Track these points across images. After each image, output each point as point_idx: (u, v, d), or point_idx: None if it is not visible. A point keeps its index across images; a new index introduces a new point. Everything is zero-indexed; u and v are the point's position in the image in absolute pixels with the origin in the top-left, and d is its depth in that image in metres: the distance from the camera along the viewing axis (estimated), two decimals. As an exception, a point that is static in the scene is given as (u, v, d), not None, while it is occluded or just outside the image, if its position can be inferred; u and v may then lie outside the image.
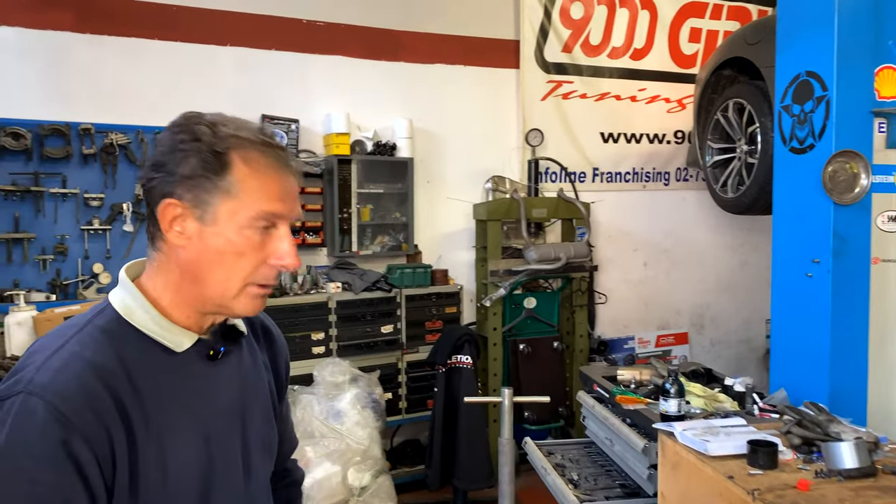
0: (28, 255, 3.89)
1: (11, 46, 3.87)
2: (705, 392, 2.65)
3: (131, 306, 1.08)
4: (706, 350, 5.86)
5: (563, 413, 4.68)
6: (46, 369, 0.98)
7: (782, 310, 2.83)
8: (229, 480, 1.13)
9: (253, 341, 1.27)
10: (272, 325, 1.35)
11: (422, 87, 4.90)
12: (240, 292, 1.07)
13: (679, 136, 5.67)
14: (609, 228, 5.52)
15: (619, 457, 2.71)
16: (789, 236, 2.79)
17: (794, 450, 2.05)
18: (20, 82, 3.89)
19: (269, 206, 1.05)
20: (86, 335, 1.04)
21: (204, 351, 1.13)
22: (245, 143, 1.06)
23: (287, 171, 1.09)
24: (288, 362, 1.37)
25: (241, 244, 1.05)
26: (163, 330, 1.08)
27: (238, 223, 1.04)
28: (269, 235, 1.07)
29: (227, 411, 1.15)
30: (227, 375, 1.16)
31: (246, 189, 1.04)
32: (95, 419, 0.96)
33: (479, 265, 4.89)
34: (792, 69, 2.75)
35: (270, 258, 1.07)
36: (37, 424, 0.93)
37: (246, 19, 4.41)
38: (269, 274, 1.08)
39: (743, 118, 3.96)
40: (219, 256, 1.06)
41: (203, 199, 1.04)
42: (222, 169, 1.04)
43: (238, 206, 1.04)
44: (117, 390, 1.00)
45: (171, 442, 1.05)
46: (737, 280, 5.91)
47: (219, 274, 1.06)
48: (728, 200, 4.20)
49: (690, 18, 5.61)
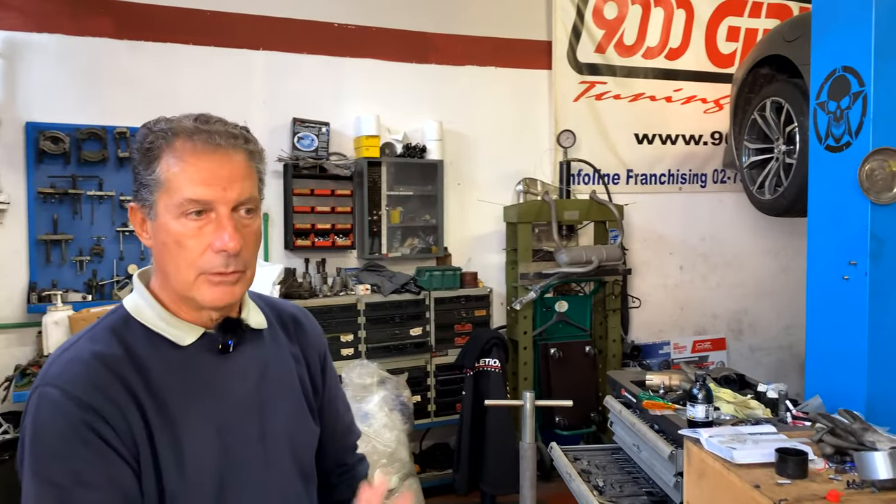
0: (66, 256, 3.98)
1: (52, 53, 3.98)
2: (736, 398, 2.57)
3: (140, 305, 1.12)
4: (745, 356, 5.71)
5: (595, 418, 4.60)
6: (59, 362, 1.04)
7: (818, 314, 2.73)
8: (247, 472, 1.13)
9: (280, 333, 1.27)
10: (304, 317, 1.35)
11: (452, 89, 4.89)
12: (195, 281, 1.08)
13: (716, 138, 5.54)
14: (644, 231, 5.43)
15: (645, 463, 2.64)
16: (825, 238, 2.69)
17: (825, 459, 1.96)
18: (60, 88, 3.99)
19: (190, 192, 1.05)
20: (96, 332, 1.10)
21: (212, 345, 1.14)
22: (172, 133, 1.06)
23: (219, 153, 1.07)
24: (323, 353, 1.35)
25: (178, 233, 1.06)
26: (167, 325, 1.11)
27: (171, 213, 1.06)
28: (209, 220, 1.06)
29: (241, 404, 1.15)
30: (240, 368, 1.17)
31: (172, 178, 1.05)
32: (107, 400, 1.01)
33: (509, 268, 4.84)
34: (828, 64, 2.65)
35: (212, 244, 1.06)
36: (57, 410, 0.99)
37: (278, 24, 4.46)
38: (214, 260, 1.06)
39: (781, 117, 3.85)
40: (166, 248, 1.07)
41: (145, 197, 1.08)
42: (150, 163, 1.06)
43: (168, 197, 1.06)
44: (126, 377, 1.04)
45: (183, 432, 1.07)
46: (777, 285, 5.75)
47: (171, 266, 1.08)
48: (765, 202, 4.08)
49: (728, 17, 5.49)
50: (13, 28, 3.89)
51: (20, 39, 3.91)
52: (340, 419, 1.40)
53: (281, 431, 1.19)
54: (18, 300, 3.91)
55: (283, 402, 1.22)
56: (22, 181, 3.90)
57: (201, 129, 1.07)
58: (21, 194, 3.90)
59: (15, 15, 3.89)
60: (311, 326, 1.35)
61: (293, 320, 1.32)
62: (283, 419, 1.20)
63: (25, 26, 3.92)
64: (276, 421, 1.19)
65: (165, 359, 1.09)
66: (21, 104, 3.91)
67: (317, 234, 4.37)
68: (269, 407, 1.19)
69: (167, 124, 1.08)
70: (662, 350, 5.48)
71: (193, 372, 1.11)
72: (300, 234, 4.34)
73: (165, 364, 1.09)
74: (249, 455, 1.14)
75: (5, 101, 3.88)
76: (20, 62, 3.91)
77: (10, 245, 3.90)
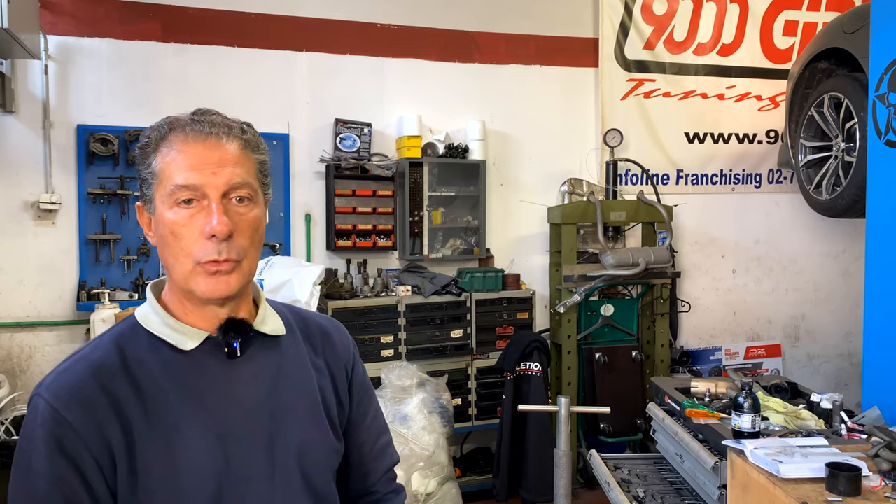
0: (114, 256, 4.07)
1: (102, 57, 4.08)
2: (786, 408, 2.43)
3: (148, 312, 1.12)
4: (802, 364, 5.47)
5: (641, 426, 4.46)
6: (56, 372, 1.06)
7: (877, 319, 2.56)
8: (249, 484, 1.08)
9: (303, 343, 1.23)
10: (335, 330, 1.30)
11: (496, 89, 4.82)
12: (192, 272, 1.06)
13: (772, 136, 5.33)
14: (694, 233, 5.25)
15: (688, 474, 2.52)
16: (884, 238, 2.52)
17: (882, 476, 1.82)
18: (109, 90, 4.09)
19: (180, 178, 1.04)
20: (101, 340, 1.11)
21: (218, 349, 1.11)
22: (168, 128, 1.07)
23: (210, 141, 1.06)
24: (353, 367, 1.29)
25: (172, 222, 1.05)
26: (171, 330, 1.10)
27: (166, 204, 1.05)
28: (199, 208, 1.05)
29: (247, 411, 1.11)
30: (250, 374, 1.13)
31: (165, 168, 1.05)
32: (89, 417, 1.00)
33: (553, 270, 4.74)
34: (888, 54, 2.49)
35: (202, 231, 1.04)
36: (39, 422, 1.01)
37: (321, 25, 4.48)
38: (206, 248, 1.05)
39: (840, 113, 3.66)
40: (165, 241, 1.07)
41: (145, 192, 1.09)
42: (147, 157, 1.07)
43: (162, 188, 1.05)
44: (114, 390, 1.03)
45: (178, 439, 1.04)
46: (838, 290, 5.49)
47: (170, 258, 1.07)
48: (823, 203, 3.89)
49: (785, 10, 5.28)
50: (66, 33, 4.00)
51: (72, 44, 4.02)
52: (371, 440, 1.32)
53: (291, 444, 1.14)
54: (69, 298, 4.02)
55: (297, 413, 1.16)
56: (73, 182, 4.01)
57: (196, 120, 1.08)
58: (72, 195, 4.01)
59: (67, 20, 4.01)
60: (340, 339, 1.30)
61: (321, 332, 1.28)
62: (295, 430, 1.14)
63: (77, 31, 4.03)
64: (288, 432, 1.13)
65: (166, 364, 1.08)
66: (73, 107, 4.02)
67: (358, 235, 4.36)
68: (280, 416, 1.13)
69: (165, 120, 1.09)
70: (714, 356, 5.29)
71: (195, 377, 1.09)
72: (342, 235, 4.34)
73: (166, 370, 1.07)
74: (253, 466, 1.09)
75: (58, 104, 3.99)
76: (72, 66, 4.02)
77: (62, 245, 4.01)
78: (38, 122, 3.94)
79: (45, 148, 3.96)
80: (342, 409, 1.25)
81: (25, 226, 3.95)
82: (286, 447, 1.13)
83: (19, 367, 3.95)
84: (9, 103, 3.85)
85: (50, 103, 3.96)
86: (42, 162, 3.96)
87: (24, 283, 3.96)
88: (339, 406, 1.24)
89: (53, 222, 3.99)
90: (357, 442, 1.29)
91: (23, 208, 3.94)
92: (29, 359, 3.97)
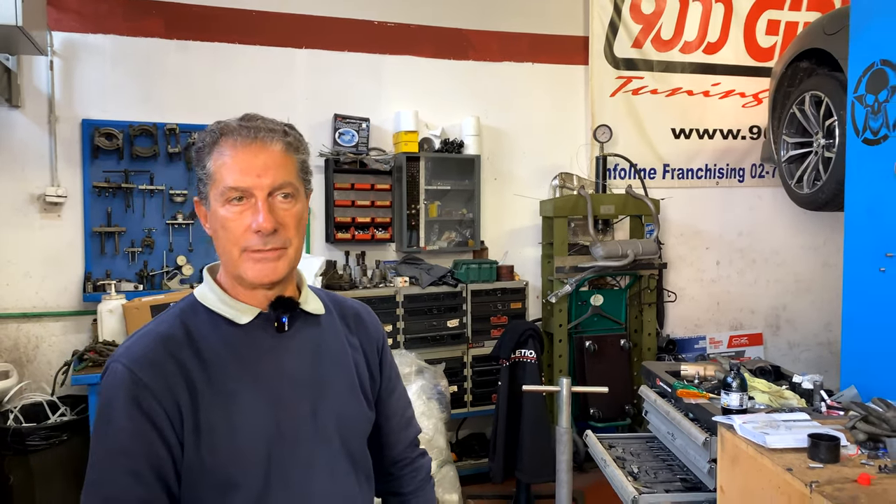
0: (119, 248, 4.16)
1: (107, 53, 4.15)
2: (770, 388, 2.60)
3: (205, 290, 1.27)
4: (783, 352, 5.68)
5: (629, 411, 4.65)
6: (129, 342, 1.20)
7: (854, 306, 2.74)
8: (296, 445, 1.22)
9: (339, 322, 1.37)
10: (366, 313, 1.46)
11: (489, 85, 4.96)
12: (240, 258, 1.21)
13: (755, 132, 5.52)
14: (680, 226, 5.43)
15: (680, 451, 2.69)
16: (862, 230, 2.70)
17: (858, 445, 1.99)
18: (113, 86, 4.17)
19: (231, 180, 1.18)
20: (166, 315, 1.25)
21: (268, 324, 1.25)
22: (219, 132, 1.21)
23: (256, 145, 1.20)
24: (382, 347, 1.45)
25: (224, 218, 1.20)
26: (227, 306, 1.24)
27: (219, 201, 1.20)
28: (247, 206, 1.19)
29: (294, 380, 1.24)
30: (296, 346, 1.27)
31: (218, 170, 1.20)
32: (161, 378, 1.14)
33: (545, 262, 4.90)
34: (866, 57, 2.66)
35: (251, 225, 1.19)
36: (118, 383, 1.14)
37: (320, 22, 4.58)
38: (252, 239, 1.19)
39: (820, 111, 3.84)
40: (216, 233, 1.22)
41: (202, 190, 1.24)
42: (202, 160, 1.22)
43: (216, 187, 1.20)
44: (181, 357, 1.17)
45: (236, 403, 1.18)
46: (818, 281, 5.70)
47: (221, 247, 1.22)
48: (804, 196, 4.07)
49: (768, 10, 5.46)
50: (70, 30, 4.08)
51: (76, 40, 4.09)
52: (399, 412, 1.48)
53: (332, 409, 1.28)
54: (75, 289, 4.11)
55: (336, 383, 1.30)
56: (78, 176, 4.09)
57: (243, 125, 1.21)
58: (77, 188, 4.09)
59: (72, 17, 4.08)
60: (371, 321, 1.45)
61: (355, 314, 1.43)
62: (334, 399, 1.29)
63: (82, 28, 4.10)
64: (328, 400, 1.28)
65: (224, 337, 1.22)
66: (77, 102, 4.10)
67: (357, 228, 4.48)
68: (321, 386, 1.28)
69: (217, 126, 1.23)
70: (698, 345, 5.48)
71: (250, 348, 1.23)
72: (341, 228, 4.45)
73: (223, 341, 1.21)
74: (299, 429, 1.23)
75: (63, 99, 4.07)
76: (76, 62, 4.10)
77: (68, 237, 4.09)
78: (43, 116, 4.02)
79: (50, 142, 4.04)
80: (374, 383, 1.40)
81: (32, 218, 4.03)
82: (327, 414, 1.27)
83: (26, 357, 4.03)
84: (15, 98, 3.93)
85: (55, 98, 4.04)
86: (48, 156, 4.03)
87: (31, 275, 4.04)
88: (371, 380, 1.39)
89: (59, 215, 4.07)
90: (387, 413, 1.45)
91: (29, 201, 4.02)
92: (36, 349, 4.05)
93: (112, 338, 3.78)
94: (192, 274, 4.29)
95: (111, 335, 3.80)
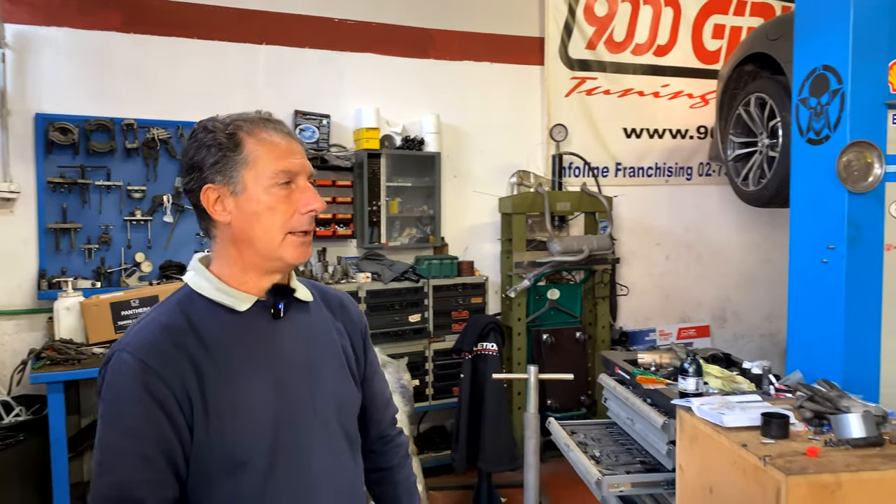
0: (75, 244, 4.09)
1: (61, 46, 4.08)
2: (723, 374, 2.75)
3: (200, 281, 1.31)
4: (728, 343, 5.93)
5: (585, 401, 4.80)
6: (133, 332, 1.24)
7: (799, 295, 2.93)
8: (299, 424, 1.29)
9: (325, 310, 1.45)
10: (348, 301, 1.54)
11: (450, 84, 5.05)
12: (283, 241, 1.27)
13: (702, 132, 5.74)
14: (631, 222, 5.62)
15: (639, 435, 2.82)
16: (806, 224, 2.88)
17: (805, 422, 2.15)
18: (69, 80, 4.10)
19: (281, 164, 1.26)
20: (165, 306, 1.29)
21: (265, 311, 1.31)
22: (247, 123, 1.28)
23: (288, 137, 1.30)
24: (365, 331, 1.54)
25: (270, 201, 1.25)
26: (225, 295, 1.29)
27: (262, 185, 1.25)
28: (293, 189, 1.27)
29: (293, 362, 1.31)
30: (291, 331, 1.34)
31: (259, 156, 1.26)
32: (169, 365, 1.19)
33: (504, 257, 5.02)
34: (809, 63, 2.84)
35: (300, 207, 1.27)
36: (126, 371, 1.18)
37: (281, 19, 4.59)
38: (302, 220, 1.27)
39: (764, 112, 4.04)
40: (257, 216, 1.26)
41: (231, 175, 1.26)
42: (236, 146, 1.26)
43: (258, 172, 1.25)
44: (186, 344, 1.22)
45: (241, 385, 1.24)
46: (760, 275, 5.97)
47: (260, 230, 1.26)
48: (749, 193, 4.28)
49: (714, 15, 5.69)
50: (22, 21, 3.99)
51: (29, 32, 4.01)
52: (381, 392, 1.58)
53: (328, 390, 1.35)
54: (28, 287, 4.02)
55: (328, 365, 1.38)
56: (31, 171, 4.01)
57: (268, 120, 1.30)
58: (31, 184, 4.00)
59: (24, 9, 3.99)
60: (354, 308, 1.54)
61: (338, 301, 1.50)
62: (328, 380, 1.37)
63: (34, 20, 4.02)
64: (324, 381, 1.35)
65: (224, 324, 1.27)
66: (31, 96, 4.01)
67: (318, 224, 4.50)
68: (316, 368, 1.35)
69: (238, 117, 1.29)
70: (649, 337, 5.68)
71: (250, 334, 1.28)
72: (302, 224, 4.45)
73: (225, 328, 1.26)
74: (301, 408, 1.30)
75: (15, 92, 3.98)
76: (30, 55, 4.01)
77: (21, 233, 4.00)
78: (-5, 110, 3.93)
79: (2, 136, 3.94)
80: (359, 365, 1.49)
81: (-18, 215, 3.93)
82: (324, 394, 1.34)
83: (-22, 356, 3.93)
84: (-35, 91, 3.83)
85: (7, 92, 3.94)
86: None
87: (-18, 273, 3.94)
88: (357, 362, 1.48)
89: (12, 211, 3.98)
90: (371, 393, 1.54)
91: (-20, 197, 3.92)
92: (-12, 348, 3.96)
93: (70, 336, 3.72)
94: (152, 271, 4.25)
95: (69, 333, 3.74)
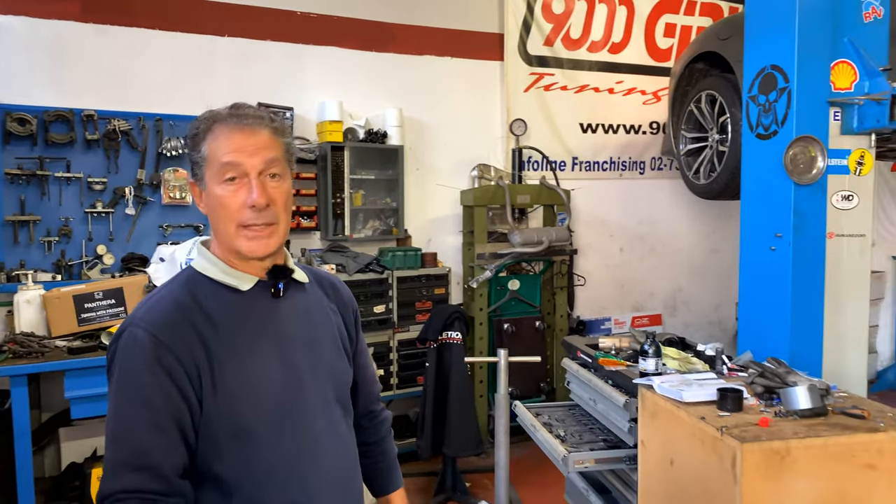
0: (34, 237, 4.03)
1: (18, 35, 4.01)
2: (679, 355, 2.91)
3: (204, 263, 1.39)
4: (679, 331, 6.12)
5: (544, 388, 4.96)
6: (144, 308, 1.31)
7: (749, 280, 3.11)
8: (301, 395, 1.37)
9: (318, 290, 1.53)
10: (340, 285, 1.62)
11: (412, 78, 5.11)
12: (236, 234, 1.34)
13: (654, 127, 5.95)
14: (587, 215, 5.79)
15: (601, 414, 2.96)
16: (755, 214, 3.07)
17: (757, 397, 2.32)
18: (26, 70, 4.03)
19: (224, 158, 1.32)
20: (172, 284, 1.37)
21: (266, 290, 1.40)
22: (214, 120, 1.35)
23: (246, 130, 1.34)
24: (355, 311, 1.62)
25: (221, 196, 1.33)
26: (229, 276, 1.37)
27: (215, 181, 1.33)
28: (241, 185, 1.33)
29: (294, 337, 1.40)
30: (291, 310, 1.42)
31: (212, 152, 1.33)
32: (179, 339, 1.26)
33: (466, 249, 5.13)
34: (758, 63, 3.02)
35: (246, 201, 1.32)
36: (139, 345, 1.25)
37: (243, 11, 4.58)
38: (247, 214, 1.32)
39: (715, 109, 4.23)
40: (214, 210, 1.35)
41: (197, 172, 1.36)
42: (197, 144, 1.35)
43: (211, 168, 1.33)
44: (194, 320, 1.30)
45: (247, 359, 1.32)
46: (708, 266, 6.22)
47: (218, 223, 1.35)
48: (700, 186, 4.48)
49: (666, 14, 5.89)
50: (-23, 9, 3.91)
51: (-15, 20, 3.93)
52: (368, 369, 1.68)
53: (326, 365, 1.45)
54: (-14, 280, 3.94)
55: (324, 341, 1.47)
56: (-12, 162, 3.93)
57: (234, 114, 1.36)
58: (-13, 175, 3.93)
59: (-21, -4, 3.91)
60: (344, 289, 1.63)
61: (330, 283, 1.59)
62: (325, 355, 1.46)
63: (-10, 8, 3.94)
64: (321, 356, 1.44)
65: (229, 303, 1.35)
66: (-14, 85, 3.93)
67: (283, 216, 4.52)
68: (314, 343, 1.44)
69: (209, 114, 1.37)
70: (604, 325, 5.87)
71: (253, 312, 1.36)
72: (266, 216, 4.47)
73: (229, 307, 1.34)
74: (303, 381, 1.38)
75: (-29, 81, 3.89)
76: (-15, 43, 3.93)
77: (-23, 225, 3.93)
78: (-51, 99, 3.84)
79: (-43, 126, 3.86)
80: (351, 343, 1.59)
81: (-63, 206, 3.84)
82: (322, 368, 1.43)
83: (-67, 352, 3.83)
84: (-82, 80, 3.73)
85: (-38, 81, 3.87)
86: (-45, 141, 3.86)
87: (-63, 266, 3.85)
88: (349, 340, 1.57)
89: (-33, 203, 3.90)
90: (361, 369, 1.63)
91: (-66, 188, 3.83)
92: (-57, 342, 3.86)
93: (31, 329, 3.68)
94: (114, 263, 4.21)
95: (29, 326, 3.69)
